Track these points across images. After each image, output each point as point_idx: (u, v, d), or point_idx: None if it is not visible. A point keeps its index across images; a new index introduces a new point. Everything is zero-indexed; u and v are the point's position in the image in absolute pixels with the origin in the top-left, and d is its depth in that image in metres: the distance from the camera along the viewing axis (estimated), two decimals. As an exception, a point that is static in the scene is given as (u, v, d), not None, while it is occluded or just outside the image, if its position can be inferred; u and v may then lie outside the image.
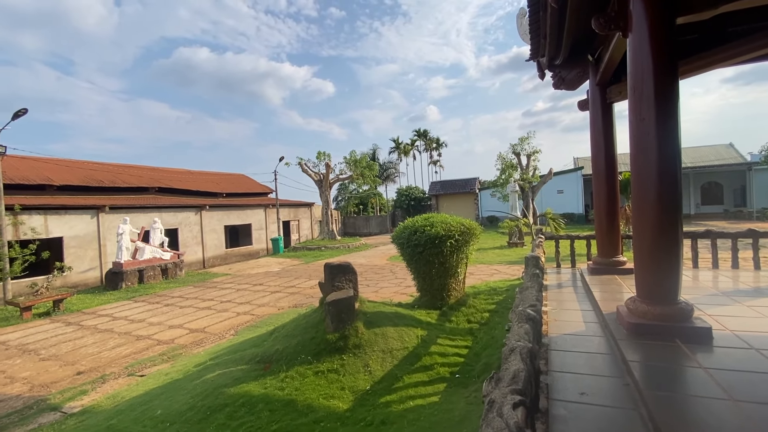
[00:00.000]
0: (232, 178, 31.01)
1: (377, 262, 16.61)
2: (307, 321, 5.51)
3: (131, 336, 7.98)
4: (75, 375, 6.12)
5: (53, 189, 17.45)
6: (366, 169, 26.53)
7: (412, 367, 4.52)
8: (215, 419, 3.85)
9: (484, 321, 6.09)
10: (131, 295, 12.59)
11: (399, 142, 50.11)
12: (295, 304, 9.95)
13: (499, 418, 1.17)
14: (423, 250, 6.39)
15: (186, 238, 19.42)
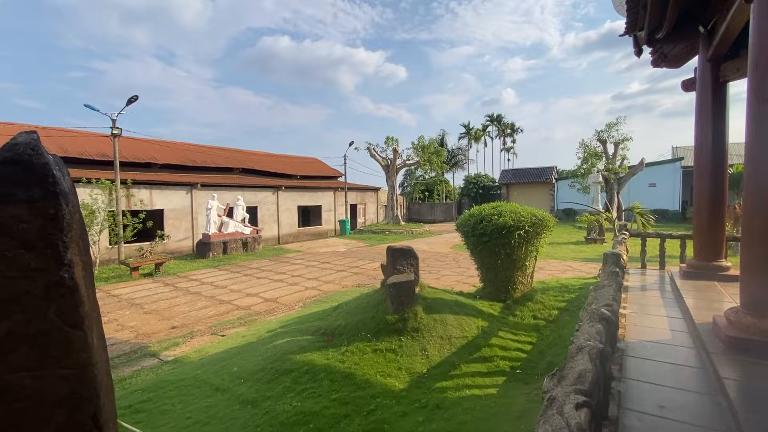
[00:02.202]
0: (305, 162, 32.68)
1: (440, 250, 16.46)
2: (369, 300, 5.69)
3: (215, 300, 8.97)
4: (170, 329, 7.08)
5: (157, 167, 19.94)
6: (433, 155, 26.16)
7: (471, 356, 4.46)
8: (282, 381, 4.19)
9: (552, 318, 5.75)
10: (216, 263, 14.07)
11: (470, 127, 48.42)
12: (358, 284, 10.32)
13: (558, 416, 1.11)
14: (489, 240, 6.18)
15: (264, 216, 21.04)
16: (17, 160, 1.37)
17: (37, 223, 1.39)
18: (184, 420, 3.70)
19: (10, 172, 1.36)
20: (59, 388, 1.45)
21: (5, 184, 1.34)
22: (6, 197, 1.34)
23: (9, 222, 1.34)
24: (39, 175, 1.40)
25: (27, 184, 1.37)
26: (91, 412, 1.54)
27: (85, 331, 1.52)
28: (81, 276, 1.55)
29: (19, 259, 1.35)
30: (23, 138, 1.41)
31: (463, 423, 3.11)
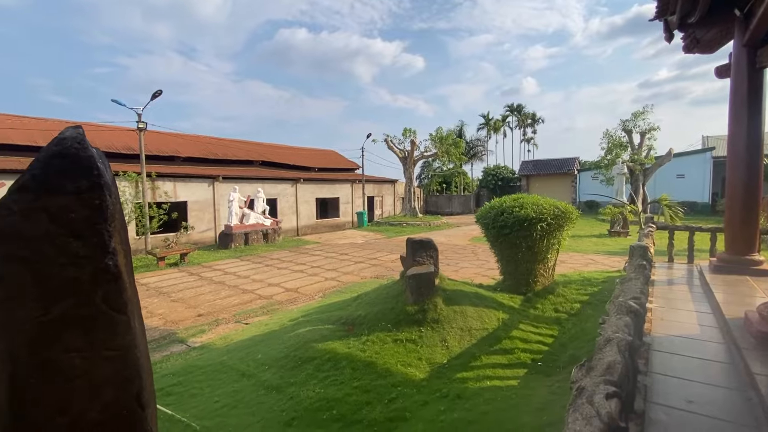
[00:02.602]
0: (323, 154, 32.88)
1: (458, 242, 16.37)
2: (388, 291, 5.74)
3: (238, 289, 9.22)
4: (196, 316, 7.33)
5: (180, 160, 20.46)
6: (452, 147, 25.88)
7: (491, 348, 4.46)
8: (305, 369, 4.30)
9: (574, 312, 5.68)
10: (238, 254, 14.42)
11: (489, 117, 47.55)
12: (377, 275, 10.40)
13: (588, 406, 1.12)
14: (509, 233, 6.11)
15: (283, 208, 21.36)
16: (66, 154, 1.45)
17: (84, 213, 1.47)
18: (213, 403, 3.86)
19: (59, 165, 1.44)
20: (106, 368, 1.55)
21: (55, 177, 1.42)
22: (56, 189, 1.42)
23: (59, 212, 1.42)
24: (85, 167, 1.48)
25: (74, 176, 1.45)
26: (135, 391, 1.64)
27: (128, 316, 1.61)
28: (123, 264, 1.64)
29: (69, 247, 1.44)
30: (70, 132, 1.49)
31: (485, 413, 3.13)
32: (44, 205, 1.40)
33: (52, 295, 1.41)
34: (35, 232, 1.37)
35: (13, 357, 1.35)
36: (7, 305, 1.34)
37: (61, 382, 1.45)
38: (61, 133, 1.50)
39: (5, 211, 1.34)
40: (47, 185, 1.41)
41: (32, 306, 1.38)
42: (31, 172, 1.40)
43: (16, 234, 1.34)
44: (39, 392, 1.41)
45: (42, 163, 1.42)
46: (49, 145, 1.46)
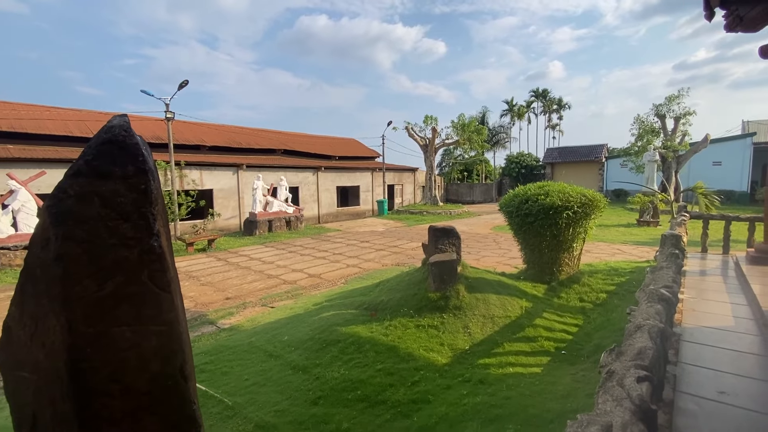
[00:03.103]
0: (344, 142, 32.95)
1: (480, 231, 16.21)
2: (410, 278, 5.79)
3: (264, 274, 9.50)
4: (225, 299, 7.62)
5: (206, 149, 20.96)
6: (474, 134, 25.42)
7: (514, 336, 4.46)
8: (329, 351, 4.43)
9: (600, 302, 5.58)
10: (263, 240, 14.78)
11: (513, 103, 46.31)
12: (398, 263, 10.47)
13: (619, 388, 1.13)
14: (534, 221, 6.02)
15: (305, 196, 21.65)
16: (114, 141, 1.54)
17: (132, 196, 1.57)
18: (243, 381, 4.04)
19: (108, 152, 1.53)
20: (153, 342, 1.66)
21: (105, 163, 1.52)
22: (106, 174, 1.52)
23: (110, 196, 1.52)
24: (132, 154, 1.57)
25: (122, 162, 1.54)
26: (179, 364, 1.75)
27: (172, 294, 1.71)
28: (166, 245, 1.73)
29: (119, 228, 1.54)
30: (117, 121, 1.58)
31: (507, 398, 3.16)
32: (96, 190, 1.50)
33: (105, 273, 1.52)
34: (89, 214, 1.48)
35: (73, 328, 1.47)
36: (67, 281, 1.45)
37: (114, 352, 1.56)
38: (109, 121, 1.58)
39: (63, 195, 1.44)
40: (98, 171, 1.51)
41: (88, 282, 1.49)
42: (84, 158, 1.50)
43: (73, 216, 1.45)
44: (95, 361, 1.53)
45: (93, 150, 1.52)
46: (99, 132, 1.55)
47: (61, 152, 14.85)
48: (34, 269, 1.52)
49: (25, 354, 1.59)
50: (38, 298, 1.51)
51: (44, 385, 1.56)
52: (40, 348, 1.53)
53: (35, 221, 11.23)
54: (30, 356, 1.58)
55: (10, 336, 1.61)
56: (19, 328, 1.57)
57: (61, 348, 1.48)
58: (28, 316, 1.54)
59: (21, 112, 17.60)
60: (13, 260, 10.59)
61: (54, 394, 1.54)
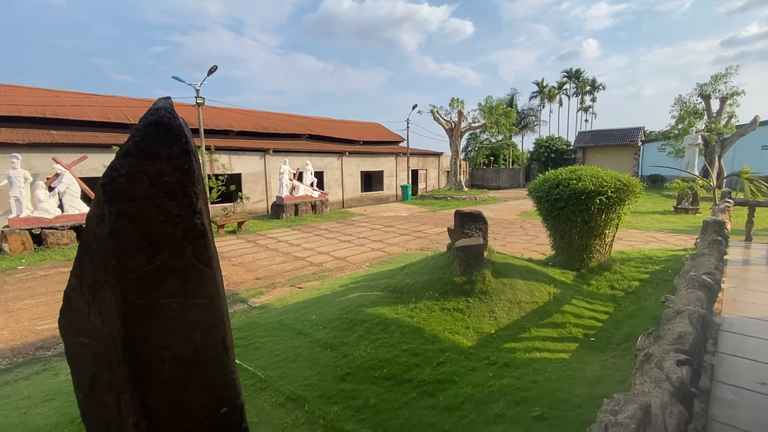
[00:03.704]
0: (368, 127, 32.84)
1: (506, 217, 15.93)
2: (435, 262, 5.80)
3: (291, 256, 9.76)
4: (255, 279, 7.91)
5: (234, 134, 21.43)
6: (502, 117, 24.70)
7: (541, 321, 4.42)
8: (356, 330, 4.55)
9: (632, 290, 5.42)
10: (289, 224, 15.12)
11: (543, 85, 44.54)
12: (422, 247, 10.49)
13: (657, 370, 1.11)
14: (564, 206, 5.86)
15: (329, 181, 21.86)
16: (159, 122, 1.61)
17: (176, 176, 1.65)
18: (274, 356, 4.22)
19: (155, 133, 1.60)
20: (197, 314, 1.76)
21: (152, 143, 1.59)
22: (153, 154, 1.59)
23: (156, 175, 1.60)
24: (176, 135, 1.63)
25: (168, 143, 1.62)
26: (220, 336, 1.86)
27: (213, 269, 1.80)
28: (207, 223, 1.82)
29: (165, 206, 1.62)
30: (162, 103, 1.65)
31: (534, 382, 3.16)
32: (144, 169, 1.58)
33: (153, 248, 1.61)
34: (139, 192, 1.56)
35: (126, 299, 1.58)
36: (120, 255, 1.55)
37: (162, 322, 1.67)
38: (155, 103, 1.65)
39: (115, 174, 1.53)
40: (146, 151, 1.59)
41: (139, 256, 1.59)
42: (133, 139, 1.58)
43: (124, 194, 1.54)
44: (146, 330, 1.64)
45: (141, 131, 1.59)
46: (146, 114, 1.62)
47: (100, 138, 15.57)
48: (90, 243, 1.63)
49: (84, 321, 1.72)
50: (95, 270, 1.63)
51: (102, 351, 1.69)
52: (98, 316, 1.66)
53: (79, 203, 11.93)
54: (88, 323, 1.71)
55: (70, 304, 1.75)
56: (79, 297, 1.71)
57: (116, 317, 1.59)
58: (86, 287, 1.66)
59: (63, 99, 18.49)
60: (60, 239, 11.33)
61: (110, 358, 1.67)
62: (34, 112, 16.04)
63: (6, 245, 10.48)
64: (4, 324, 6.03)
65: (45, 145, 13.00)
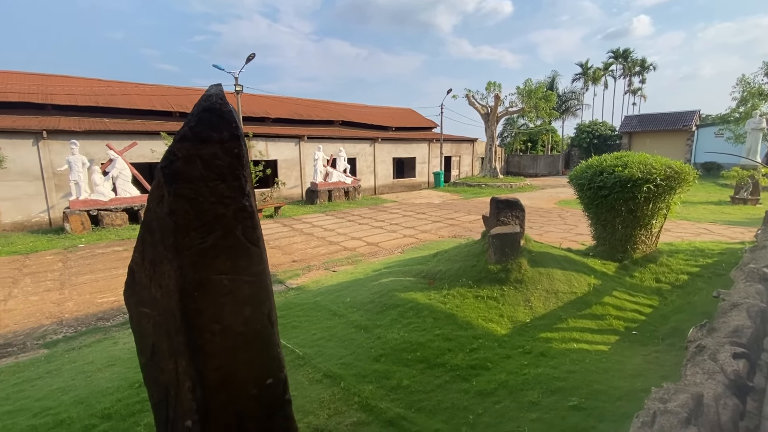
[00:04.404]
0: (400, 113, 32.53)
1: (543, 205, 15.42)
2: (469, 250, 5.75)
3: (325, 240, 10.00)
4: (291, 262, 8.19)
5: (270, 121, 21.93)
6: (541, 101, 23.67)
7: (579, 312, 4.30)
8: (389, 314, 4.63)
9: (680, 283, 5.14)
10: (323, 209, 15.43)
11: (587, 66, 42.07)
12: (454, 235, 10.40)
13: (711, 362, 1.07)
14: (608, 194, 5.59)
15: (362, 167, 22.00)
16: (212, 108, 1.69)
17: (227, 160, 1.73)
18: (311, 335, 4.39)
19: (207, 119, 1.69)
20: (245, 290, 1.87)
21: (205, 128, 1.68)
22: (206, 138, 1.69)
23: (209, 158, 1.69)
24: (227, 120, 1.72)
25: (219, 128, 1.70)
26: (267, 311, 1.96)
27: (260, 249, 1.90)
28: (255, 205, 1.91)
29: (217, 188, 1.72)
30: (214, 90, 1.73)
31: (571, 372, 3.11)
32: (199, 153, 1.68)
33: (207, 227, 1.72)
34: (194, 174, 1.66)
35: (183, 274, 1.70)
36: (178, 233, 1.67)
37: (215, 296, 1.79)
38: (207, 90, 1.74)
39: (173, 157, 1.64)
40: (200, 135, 1.68)
41: (194, 235, 1.70)
42: (188, 124, 1.67)
43: (181, 176, 1.64)
44: (200, 303, 1.77)
45: (195, 117, 1.69)
46: (199, 100, 1.71)
47: (147, 125, 16.46)
48: (151, 222, 1.76)
49: (145, 293, 1.88)
50: (155, 246, 1.76)
51: (162, 321, 1.84)
52: (158, 289, 1.80)
53: (130, 187, 12.74)
54: (149, 295, 1.87)
55: (134, 277, 1.91)
56: (141, 271, 1.86)
57: (174, 290, 1.73)
58: (147, 261, 1.81)
59: (114, 88, 19.62)
60: (114, 220, 12.20)
61: (169, 328, 1.82)
62: (88, 101, 17.16)
63: (68, 225, 11.43)
64: (69, 296, 6.64)
65: (99, 132, 13.92)
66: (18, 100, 15.52)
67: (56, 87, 17.66)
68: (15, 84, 16.94)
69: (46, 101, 16.10)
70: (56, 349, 4.79)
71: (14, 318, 5.80)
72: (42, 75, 18.85)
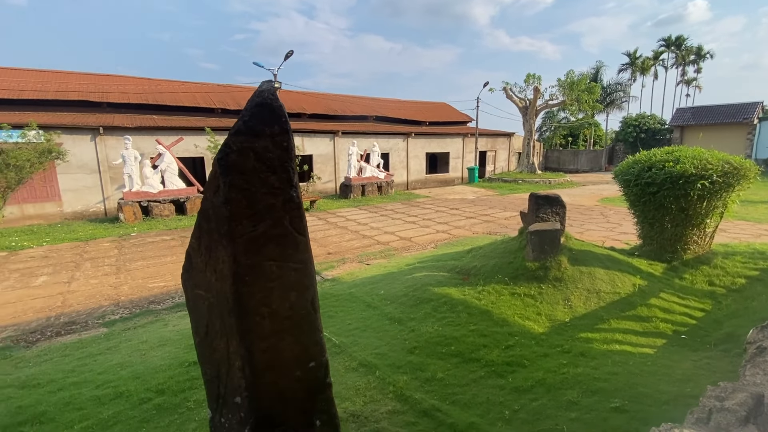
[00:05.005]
0: (434, 107, 32.18)
1: (584, 203, 14.80)
2: (505, 246, 5.66)
3: (359, 234, 10.15)
4: (327, 254, 8.39)
5: (306, 116, 22.41)
6: (584, 93, 22.61)
7: (623, 313, 4.13)
8: (423, 308, 4.66)
9: (736, 287, 4.80)
10: (357, 204, 15.63)
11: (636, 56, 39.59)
12: (489, 231, 10.22)
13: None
14: (657, 191, 5.29)
15: (394, 162, 22.01)
16: (264, 104, 1.78)
17: (277, 153, 1.82)
18: (346, 325, 4.51)
19: (260, 113, 1.78)
20: (292, 277, 1.96)
21: (258, 123, 1.77)
22: (259, 132, 1.78)
23: (261, 151, 1.79)
24: (277, 115, 1.80)
25: (271, 122, 1.79)
26: (311, 297, 2.05)
27: (306, 238, 1.98)
28: (300, 196, 1.99)
29: (268, 180, 1.81)
30: (266, 86, 1.82)
31: (613, 374, 3.01)
32: (252, 146, 1.77)
33: (258, 216, 1.82)
34: (247, 166, 1.76)
35: (236, 260, 1.81)
36: (232, 221, 1.78)
37: (264, 282, 1.90)
38: (260, 86, 1.83)
39: (228, 150, 1.74)
40: (253, 129, 1.77)
41: (246, 223, 1.81)
42: (242, 119, 1.77)
43: (236, 167, 1.75)
44: (251, 287, 1.88)
45: (249, 112, 1.78)
46: (252, 96, 1.81)
47: (191, 121, 17.30)
48: (207, 210, 1.89)
49: (201, 277, 2.02)
50: (211, 233, 1.89)
51: (215, 303, 1.98)
52: (213, 273, 1.93)
53: (177, 180, 13.47)
54: (204, 279, 2.00)
55: (191, 262, 2.05)
56: (197, 256, 2.00)
57: (227, 274, 1.84)
58: (203, 247, 1.94)
59: (162, 86, 20.76)
60: (162, 211, 12.97)
61: (222, 310, 1.95)
62: (139, 99, 18.28)
63: (121, 215, 12.30)
64: (124, 281, 7.17)
65: (149, 128, 14.80)
66: (77, 99, 16.79)
67: (111, 86, 18.94)
68: (75, 84, 18.33)
69: (102, 99, 17.30)
70: (114, 328, 5.20)
71: (77, 299, 6.35)
72: (98, 75, 20.28)
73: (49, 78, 18.32)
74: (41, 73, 18.75)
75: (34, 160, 11.31)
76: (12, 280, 7.27)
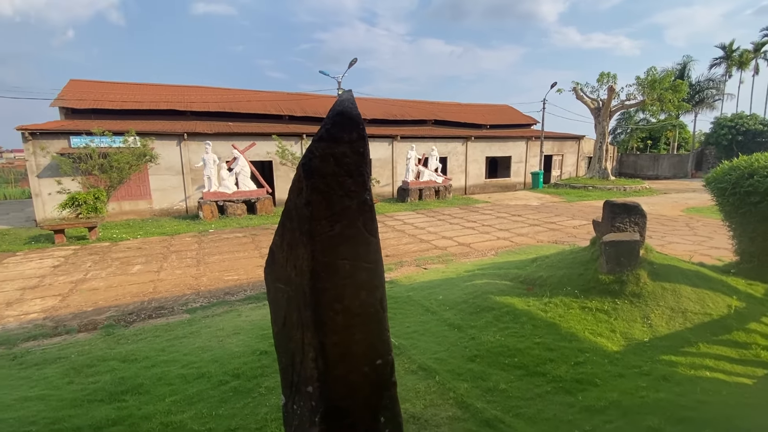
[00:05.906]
0: (496, 109, 31.21)
1: (665, 212, 13.42)
2: (575, 257, 5.33)
3: (416, 238, 10.17)
4: (384, 257, 8.41)
5: (366, 121, 22.96)
6: (668, 92, 20.48)
7: (714, 337, 3.70)
8: (483, 316, 4.55)
9: None
10: (414, 207, 15.67)
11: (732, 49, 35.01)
12: (555, 240, 9.68)
13: None
14: (760, 201, 4.66)
15: (453, 166, 21.72)
16: (343, 112, 1.90)
17: (354, 158, 1.93)
18: (405, 327, 4.56)
19: (340, 121, 1.90)
20: (363, 276, 2.05)
21: (338, 130, 1.89)
22: (338, 139, 1.89)
23: (340, 156, 1.90)
24: (355, 122, 1.91)
25: (349, 129, 1.90)
26: (380, 296, 2.13)
27: (377, 239, 2.06)
28: (373, 199, 2.08)
29: (345, 183, 1.92)
30: (346, 95, 1.93)
31: (702, 402, 2.71)
32: (332, 152, 1.89)
33: (335, 217, 1.93)
34: (327, 170, 1.89)
35: (314, 257, 1.94)
36: (312, 221, 1.91)
37: (337, 279, 2.01)
38: (340, 96, 1.95)
39: (311, 155, 1.88)
40: (334, 136, 1.89)
41: (324, 223, 1.93)
42: (324, 126, 1.90)
43: (317, 172, 1.88)
44: (326, 283, 2.00)
45: (330, 120, 1.91)
46: (333, 105, 1.93)
47: (262, 128, 18.56)
48: (291, 210, 2.04)
49: (282, 271, 2.19)
50: (293, 232, 2.04)
51: (293, 296, 2.13)
52: (293, 268, 2.08)
53: (249, 182, 14.52)
54: (285, 273, 2.17)
55: (273, 257, 2.23)
56: (279, 252, 2.17)
57: (306, 270, 1.98)
58: (286, 244, 2.10)
59: (237, 96, 22.55)
60: (236, 210, 14.07)
61: (299, 303, 2.10)
62: (217, 108, 20.03)
63: (201, 213, 13.56)
64: (203, 273, 7.90)
65: (225, 134, 16.17)
66: (166, 108, 18.86)
67: (193, 96, 21.00)
68: (163, 95, 20.61)
69: (186, 108, 19.24)
70: (195, 315, 5.76)
71: (165, 287, 7.12)
72: (183, 86, 22.60)
73: (146, 90, 20.80)
74: (139, 86, 21.36)
75: (133, 162, 12.92)
76: (114, 267, 8.36)
